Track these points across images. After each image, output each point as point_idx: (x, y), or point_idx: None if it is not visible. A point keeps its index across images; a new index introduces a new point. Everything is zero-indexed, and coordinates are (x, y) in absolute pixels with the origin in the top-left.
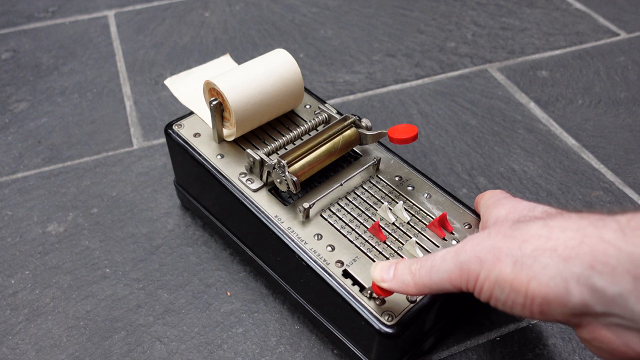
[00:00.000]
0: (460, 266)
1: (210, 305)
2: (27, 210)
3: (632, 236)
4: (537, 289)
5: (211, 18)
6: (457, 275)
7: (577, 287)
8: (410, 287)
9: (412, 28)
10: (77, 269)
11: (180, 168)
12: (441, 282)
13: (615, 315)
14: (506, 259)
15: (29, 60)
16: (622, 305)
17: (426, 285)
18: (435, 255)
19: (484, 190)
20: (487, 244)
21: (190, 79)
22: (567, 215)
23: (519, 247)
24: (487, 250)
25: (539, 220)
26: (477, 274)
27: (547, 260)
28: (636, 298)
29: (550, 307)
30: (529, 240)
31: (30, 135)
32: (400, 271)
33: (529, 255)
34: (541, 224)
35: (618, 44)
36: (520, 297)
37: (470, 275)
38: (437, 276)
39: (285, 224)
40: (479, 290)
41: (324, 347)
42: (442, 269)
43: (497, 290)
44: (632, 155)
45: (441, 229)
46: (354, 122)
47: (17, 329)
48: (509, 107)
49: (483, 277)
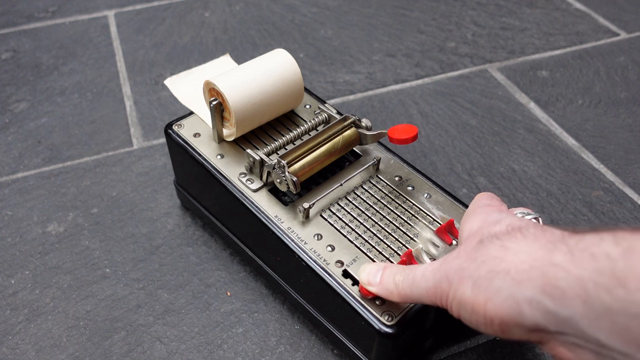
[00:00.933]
0: (435, 284)
1: (210, 305)
2: (27, 210)
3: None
4: (493, 310)
5: (211, 18)
6: (432, 292)
7: (529, 310)
8: (394, 296)
9: (412, 28)
10: (77, 269)
11: (180, 168)
12: (420, 297)
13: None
14: (467, 280)
15: (29, 60)
16: (573, 327)
17: (408, 296)
18: (417, 269)
19: (484, 190)
20: (455, 264)
21: (190, 79)
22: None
23: (477, 269)
24: (454, 271)
25: (498, 240)
26: (447, 293)
27: (501, 283)
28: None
29: (509, 328)
30: (486, 262)
31: (30, 135)
32: (386, 278)
33: (485, 277)
34: (498, 245)
35: (618, 44)
36: (481, 317)
37: (442, 294)
38: (417, 291)
39: (285, 224)
40: (450, 308)
41: (324, 347)
42: (421, 285)
43: (462, 310)
44: (632, 155)
45: (448, 235)
46: (354, 122)
47: (17, 329)
48: (509, 107)
49: (451, 297)
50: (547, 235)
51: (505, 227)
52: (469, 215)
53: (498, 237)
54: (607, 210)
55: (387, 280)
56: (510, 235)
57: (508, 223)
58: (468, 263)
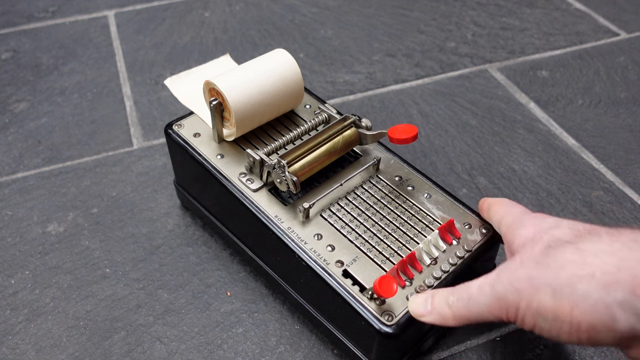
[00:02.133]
0: (499, 297)
1: (210, 305)
2: (27, 210)
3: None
4: (581, 316)
5: (211, 18)
6: (496, 306)
7: (622, 314)
8: (449, 320)
9: (412, 28)
10: (77, 269)
11: (180, 168)
12: (480, 314)
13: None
14: (544, 288)
15: (29, 60)
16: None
17: (464, 317)
18: (471, 286)
19: (484, 190)
20: (522, 274)
21: (190, 79)
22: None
23: (556, 276)
24: (523, 280)
25: (570, 244)
26: (516, 304)
27: (586, 287)
28: None
29: (598, 333)
30: (565, 267)
31: (30, 135)
32: (438, 304)
33: (567, 284)
34: (573, 249)
35: (618, 44)
36: (566, 325)
37: (509, 307)
38: (476, 308)
39: (285, 224)
40: (521, 320)
41: (324, 347)
42: (480, 301)
43: (540, 320)
44: (632, 155)
45: (448, 235)
46: (354, 122)
47: (17, 329)
48: (509, 107)
49: (524, 308)
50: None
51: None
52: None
53: (569, 242)
54: (607, 210)
55: (439, 305)
56: (582, 238)
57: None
58: (540, 271)
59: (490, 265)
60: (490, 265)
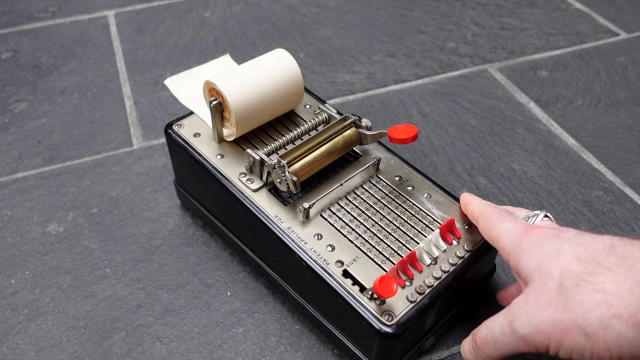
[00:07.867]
0: (524, 339)
1: (210, 305)
2: (27, 210)
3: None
4: (620, 351)
5: (211, 18)
6: (523, 346)
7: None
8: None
9: (412, 28)
10: (77, 269)
11: (180, 168)
12: (511, 351)
13: None
14: (574, 330)
15: (29, 60)
16: None
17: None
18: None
19: (484, 190)
20: (543, 317)
21: (190, 79)
22: (609, 267)
23: (583, 318)
24: (547, 323)
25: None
26: (545, 345)
27: (619, 328)
28: None
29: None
30: (591, 311)
31: (30, 135)
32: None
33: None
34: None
35: (618, 44)
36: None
37: (538, 346)
38: (505, 348)
39: (285, 224)
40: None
41: (324, 347)
42: (506, 343)
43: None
44: (632, 155)
45: (449, 235)
46: (354, 122)
47: (17, 329)
48: (509, 107)
49: (554, 348)
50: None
51: (577, 261)
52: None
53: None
54: (607, 210)
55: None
56: (595, 274)
57: (573, 252)
58: (563, 314)
59: (491, 265)
60: (490, 265)
